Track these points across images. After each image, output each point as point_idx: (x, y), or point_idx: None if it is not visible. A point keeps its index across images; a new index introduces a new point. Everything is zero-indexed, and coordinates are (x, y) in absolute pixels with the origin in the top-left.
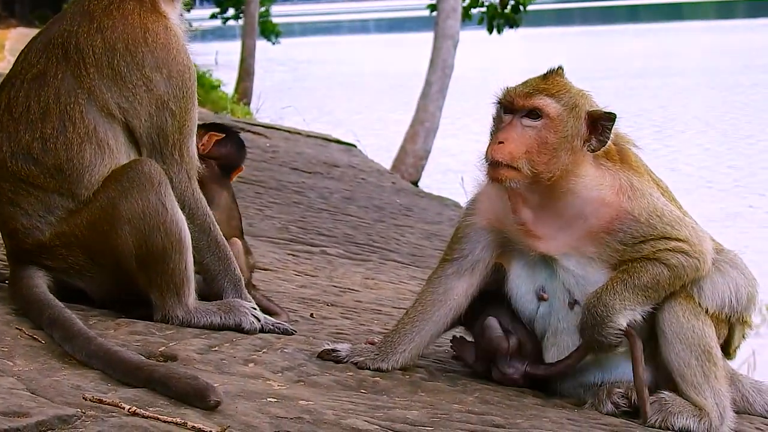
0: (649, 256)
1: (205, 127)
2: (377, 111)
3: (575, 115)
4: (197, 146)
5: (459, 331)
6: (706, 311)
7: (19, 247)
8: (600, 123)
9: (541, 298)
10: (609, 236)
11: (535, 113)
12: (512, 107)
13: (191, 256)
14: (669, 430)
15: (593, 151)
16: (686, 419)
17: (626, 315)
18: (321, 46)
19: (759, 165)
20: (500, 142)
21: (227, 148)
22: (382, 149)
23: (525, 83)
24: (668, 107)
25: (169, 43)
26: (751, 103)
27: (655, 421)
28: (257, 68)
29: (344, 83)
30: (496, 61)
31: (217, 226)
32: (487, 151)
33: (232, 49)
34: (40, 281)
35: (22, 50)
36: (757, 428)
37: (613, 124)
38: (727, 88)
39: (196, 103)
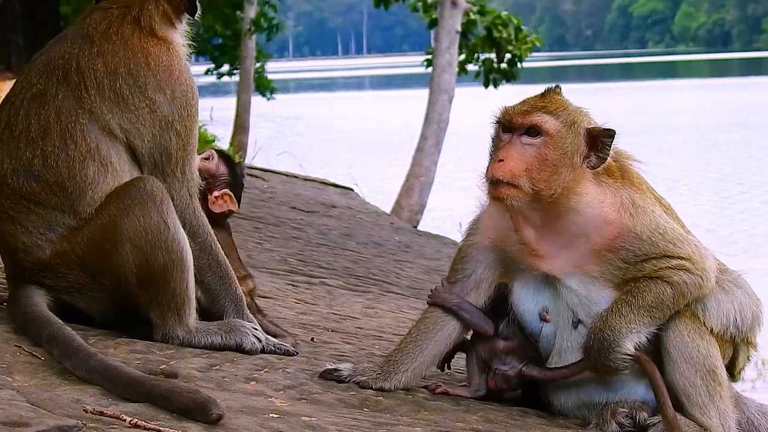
0: (651, 275)
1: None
2: (372, 166)
3: (574, 132)
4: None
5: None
6: (711, 331)
7: (19, 267)
8: (599, 140)
9: (543, 319)
10: (611, 254)
11: (534, 131)
12: (511, 125)
13: (192, 275)
14: None
15: (593, 167)
16: None
17: (633, 338)
18: (316, 102)
19: (749, 223)
20: (500, 161)
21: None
22: (377, 202)
23: (523, 102)
24: (658, 163)
25: (171, 65)
26: (740, 159)
27: None
28: (252, 123)
29: (339, 138)
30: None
31: (219, 246)
32: (487, 170)
33: (228, 104)
34: (40, 300)
35: (22, 71)
36: None
37: (612, 141)
38: (717, 144)
39: (198, 121)
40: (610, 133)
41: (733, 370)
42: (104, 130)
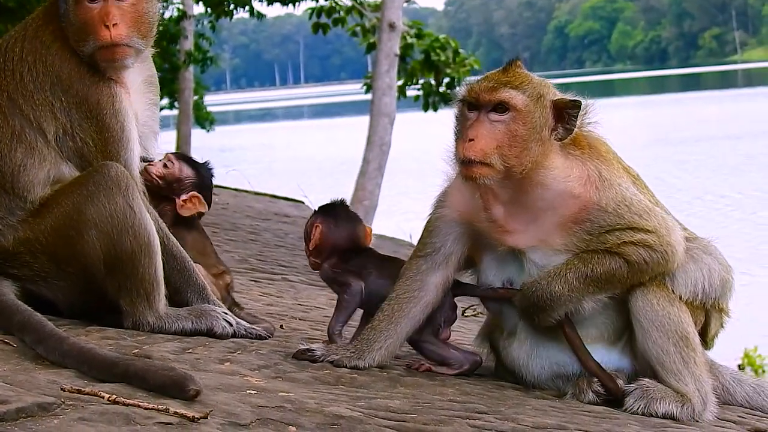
0: (612, 249)
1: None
2: (319, 187)
3: (541, 105)
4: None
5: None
6: (680, 298)
7: None
8: (565, 111)
9: None
10: (576, 226)
11: (501, 107)
12: (477, 103)
13: (160, 260)
14: (652, 416)
15: (560, 139)
16: (669, 405)
17: (570, 306)
18: (257, 132)
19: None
20: (470, 140)
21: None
22: None
23: (486, 78)
24: None
25: (71, 76)
26: (682, 175)
27: (638, 408)
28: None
29: (284, 164)
30: (434, 140)
31: (173, 239)
32: (457, 151)
33: (168, 138)
34: (7, 290)
35: None
36: (738, 416)
37: (578, 111)
38: (658, 159)
39: (116, 129)
40: (576, 104)
41: (705, 337)
42: (23, 114)
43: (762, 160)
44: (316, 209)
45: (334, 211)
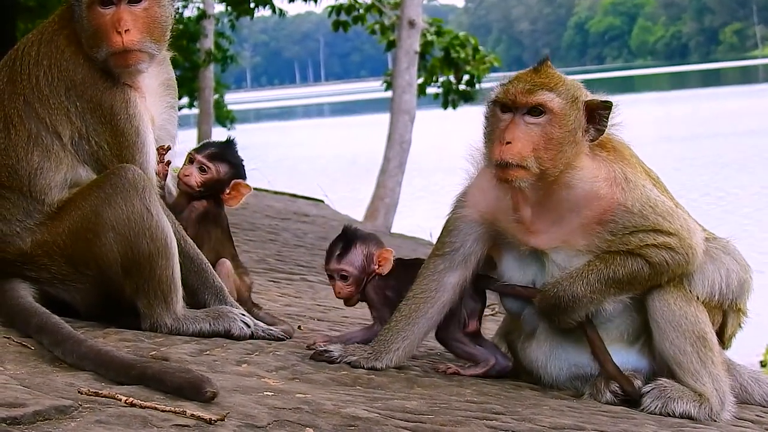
0: (634, 251)
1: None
2: (340, 185)
3: (576, 107)
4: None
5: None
6: (697, 298)
7: (1, 260)
8: (597, 112)
9: None
10: (600, 227)
11: (537, 110)
12: (513, 105)
13: (178, 262)
14: (669, 416)
15: (592, 140)
16: (686, 404)
17: (591, 308)
18: (277, 131)
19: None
20: (507, 143)
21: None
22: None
23: (519, 79)
24: None
25: (85, 81)
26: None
27: (655, 408)
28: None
29: (304, 163)
30: (454, 138)
31: (190, 241)
32: (494, 153)
33: (188, 137)
34: (25, 292)
35: None
36: (756, 415)
37: (609, 112)
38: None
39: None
40: (608, 105)
41: (723, 337)
42: (38, 117)
43: None
44: (366, 234)
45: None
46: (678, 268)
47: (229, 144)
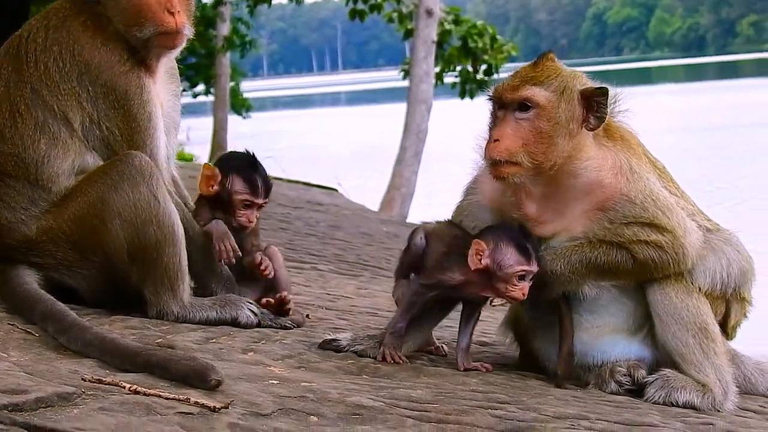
0: (623, 244)
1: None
2: (355, 175)
3: (567, 98)
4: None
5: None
6: (699, 289)
7: (5, 245)
8: (593, 100)
9: None
10: (601, 213)
11: (524, 105)
12: (501, 102)
13: (185, 249)
14: (673, 405)
15: (593, 129)
16: (689, 394)
17: (568, 286)
18: (293, 119)
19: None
20: (496, 140)
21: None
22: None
23: (515, 74)
24: None
25: (101, 64)
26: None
27: (659, 398)
28: (230, 142)
29: (320, 152)
30: (470, 128)
31: (198, 229)
32: (485, 151)
33: (204, 124)
34: (30, 279)
35: None
36: (760, 406)
37: (606, 99)
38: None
39: (143, 118)
40: (603, 91)
41: (726, 327)
42: (46, 105)
43: None
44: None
45: None
46: (667, 267)
47: (259, 165)
